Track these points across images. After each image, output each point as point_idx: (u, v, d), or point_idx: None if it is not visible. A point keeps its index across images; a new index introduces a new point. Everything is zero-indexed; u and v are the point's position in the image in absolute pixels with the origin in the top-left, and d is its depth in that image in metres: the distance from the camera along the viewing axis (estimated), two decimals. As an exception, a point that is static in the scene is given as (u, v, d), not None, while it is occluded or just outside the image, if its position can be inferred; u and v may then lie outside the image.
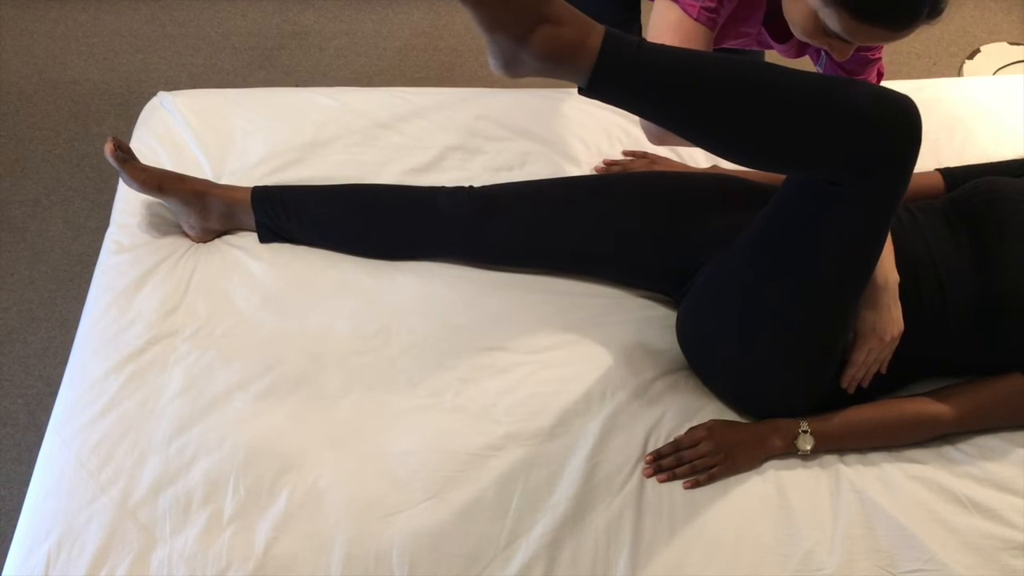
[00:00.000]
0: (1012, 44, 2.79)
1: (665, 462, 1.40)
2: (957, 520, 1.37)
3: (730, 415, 1.48)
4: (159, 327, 1.52)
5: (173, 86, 2.04)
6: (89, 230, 2.38)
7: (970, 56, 2.78)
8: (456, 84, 2.71)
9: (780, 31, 1.47)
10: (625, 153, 1.80)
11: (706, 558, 1.33)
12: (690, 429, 1.44)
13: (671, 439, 1.44)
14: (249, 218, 1.64)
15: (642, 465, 1.41)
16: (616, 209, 1.59)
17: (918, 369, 1.50)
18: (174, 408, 1.43)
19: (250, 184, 1.67)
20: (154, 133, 1.80)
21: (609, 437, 1.43)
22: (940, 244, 1.47)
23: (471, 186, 1.65)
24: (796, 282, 1.33)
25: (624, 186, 1.64)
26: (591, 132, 1.85)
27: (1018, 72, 2.66)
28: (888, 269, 1.41)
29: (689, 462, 1.40)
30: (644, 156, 1.78)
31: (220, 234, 1.66)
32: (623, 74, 1.11)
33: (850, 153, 1.17)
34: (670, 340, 1.54)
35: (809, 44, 1.46)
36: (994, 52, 2.77)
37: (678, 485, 1.39)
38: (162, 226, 1.66)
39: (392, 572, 1.30)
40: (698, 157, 1.80)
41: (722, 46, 1.60)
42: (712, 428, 1.43)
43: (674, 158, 1.80)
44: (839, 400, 1.46)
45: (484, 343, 1.53)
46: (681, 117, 1.18)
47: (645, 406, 1.47)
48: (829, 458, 1.44)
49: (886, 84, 1.62)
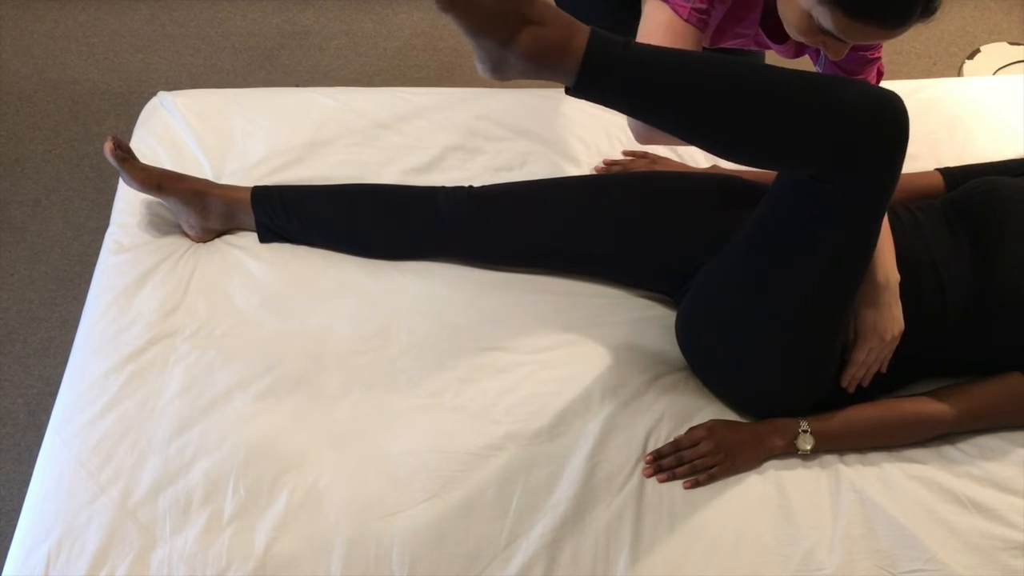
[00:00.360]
0: (1012, 44, 2.79)
1: (665, 462, 1.40)
2: (957, 520, 1.37)
3: (730, 415, 1.48)
4: (159, 327, 1.52)
5: (173, 86, 2.03)
6: (89, 230, 2.38)
7: (970, 56, 2.78)
8: (456, 84, 2.71)
9: (777, 31, 1.47)
10: (625, 153, 1.80)
11: (706, 558, 1.33)
12: (690, 429, 1.44)
13: (671, 439, 1.44)
14: (249, 218, 1.64)
15: (642, 465, 1.41)
16: (616, 209, 1.59)
17: (918, 369, 1.50)
18: (174, 408, 1.43)
19: (250, 184, 1.67)
20: (154, 133, 1.80)
21: (609, 437, 1.43)
22: (940, 244, 1.47)
23: (471, 186, 1.65)
24: (790, 281, 1.33)
25: (624, 186, 1.63)
26: (591, 132, 1.85)
27: (1018, 72, 2.66)
28: (889, 268, 1.41)
29: (689, 462, 1.39)
30: (644, 156, 1.78)
31: (220, 234, 1.66)
32: (609, 73, 1.11)
33: (838, 150, 1.16)
34: (670, 340, 1.54)
35: (807, 44, 1.46)
36: (994, 52, 2.77)
37: (678, 485, 1.39)
38: (162, 226, 1.66)
39: (392, 572, 1.30)
40: (698, 157, 1.80)
41: (719, 46, 1.60)
42: (712, 428, 1.43)
43: (674, 158, 1.80)
44: (839, 400, 1.45)
45: (484, 343, 1.53)
46: (668, 115, 1.18)
47: (645, 406, 1.47)
48: (829, 458, 1.44)
49: (886, 84, 1.62)
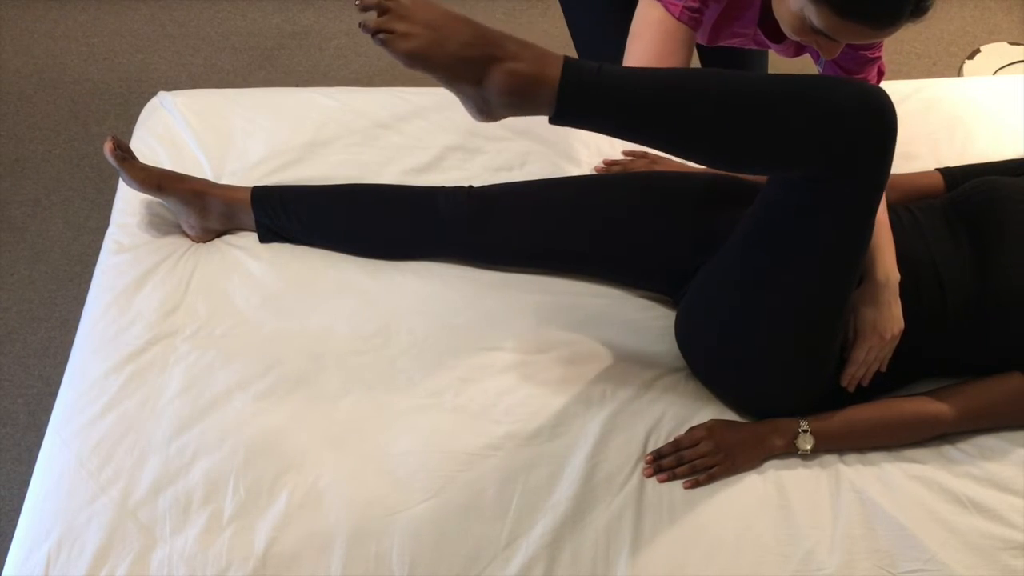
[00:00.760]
0: (1012, 44, 2.79)
1: (665, 462, 1.40)
2: (957, 520, 1.37)
3: (730, 415, 1.47)
4: (159, 327, 1.52)
5: (173, 86, 2.03)
6: (89, 230, 2.38)
7: (970, 56, 2.78)
8: (456, 84, 2.71)
9: (776, 31, 1.47)
10: (625, 153, 1.80)
11: (706, 558, 1.33)
12: (690, 429, 1.44)
13: (671, 439, 1.44)
14: (249, 218, 1.64)
15: (642, 465, 1.41)
16: (616, 210, 1.59)
17: (918, 368, 1.50)
18: (174, 408, 1.43)
19: (250, 184, 1.67)
20: (154, 133, 1.80)
21: (609, 437, 1.43)
22: (940, 244, 1.47)
23: (471, 186, 1.65)
24: (785, 281, 1.33)
25: (624, 186, 1.63)
26: (591, 132, 1.84)
27: (1018, 72, 2.66)
28: (889, 267, 1.41)
29: (689, 462, 1.39)
30: (644, 156, 1.78)
31: (220, 234, 1.66)
32: (587, 99, 1.12)
33: (827, 150, 1.16)
34: (669, 340, 1.54)
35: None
36: (994, 52, 2.77)
37: (678, 485, 1.39)
38: (162, 226, 1.66)
39: (392, 572, 1.30)
40: (698, 157, 1.80)
41: (717, 45, 1.60)
42: (712, 428, 1.43)
43: (674, 158, 1.80)
44: (839, 399, 1.45)
45: (484, 343, 1.53)
46: (652, 134, 1.18)
47: (645, 406, 1.47)
48: (829, 458, 1.44)
49: (886, 84, 1.62)
